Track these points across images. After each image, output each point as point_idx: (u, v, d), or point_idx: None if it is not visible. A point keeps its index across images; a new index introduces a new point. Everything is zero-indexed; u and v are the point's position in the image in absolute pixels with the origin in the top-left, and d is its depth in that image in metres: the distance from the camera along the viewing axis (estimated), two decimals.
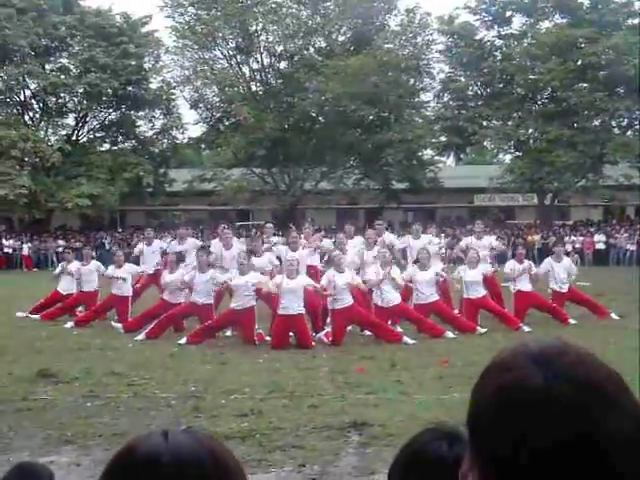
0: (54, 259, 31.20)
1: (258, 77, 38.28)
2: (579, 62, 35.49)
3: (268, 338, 11.30)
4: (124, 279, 13.36)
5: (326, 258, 13.13)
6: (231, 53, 37.90)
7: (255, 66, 38.10)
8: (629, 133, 37.59)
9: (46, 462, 5.40)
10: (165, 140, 39.90)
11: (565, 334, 11.28)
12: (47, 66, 37.89)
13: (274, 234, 14.45)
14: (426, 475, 1.41)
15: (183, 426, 6.54)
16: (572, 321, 12.78)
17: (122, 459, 0.99)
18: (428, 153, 40.35)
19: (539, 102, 38.33)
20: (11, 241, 33.87)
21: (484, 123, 38.11)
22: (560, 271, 13.57)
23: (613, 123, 37.28)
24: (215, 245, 13.50)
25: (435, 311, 12.29)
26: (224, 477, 0.98)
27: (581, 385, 0.85)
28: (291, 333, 11.12)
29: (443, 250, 14.21)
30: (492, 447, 0.86)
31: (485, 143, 39.67)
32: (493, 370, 0.91)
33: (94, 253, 16.71)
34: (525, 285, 13.09)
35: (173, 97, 38.98)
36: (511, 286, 13.33)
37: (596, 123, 36.25)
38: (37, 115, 38.62)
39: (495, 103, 36.83)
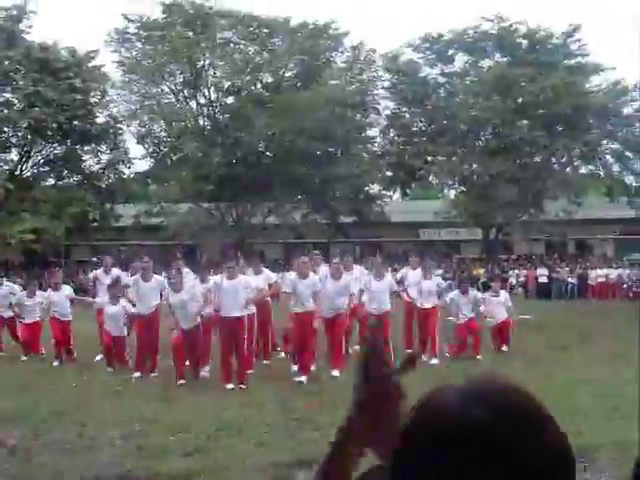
0: None
1: (205, 112, 38.32)
2: (519, 100, 36.53)
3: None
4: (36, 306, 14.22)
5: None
6: (178, 88, 37.94)
7: (202, 101, 38.18)
8: (568, 170, 38.68)
9: None
10: (111, 175, 39.44)
11: (503, 365, 11.51)
12: None
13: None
14: None
15: (127, 466, 6.45)
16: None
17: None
18: (375, 187, 40.86)
19: (482, 138, 39.17)
20: None
21: (429, 158, 38.71)
22: (495, 306, 13.98)
23: (553, 160, 38.32)
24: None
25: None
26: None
27: (501, 413, 0.84)
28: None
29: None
30: (410, 474, 0.87)
31: (430, 178, 40.28)
32: (419, 402, 0.91)
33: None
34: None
35: (120, 131, 38.67)
36: (454, 319, 13.63)
37: (537, 159, 37.24)
38: None
39: (439, 139, 37.51)
